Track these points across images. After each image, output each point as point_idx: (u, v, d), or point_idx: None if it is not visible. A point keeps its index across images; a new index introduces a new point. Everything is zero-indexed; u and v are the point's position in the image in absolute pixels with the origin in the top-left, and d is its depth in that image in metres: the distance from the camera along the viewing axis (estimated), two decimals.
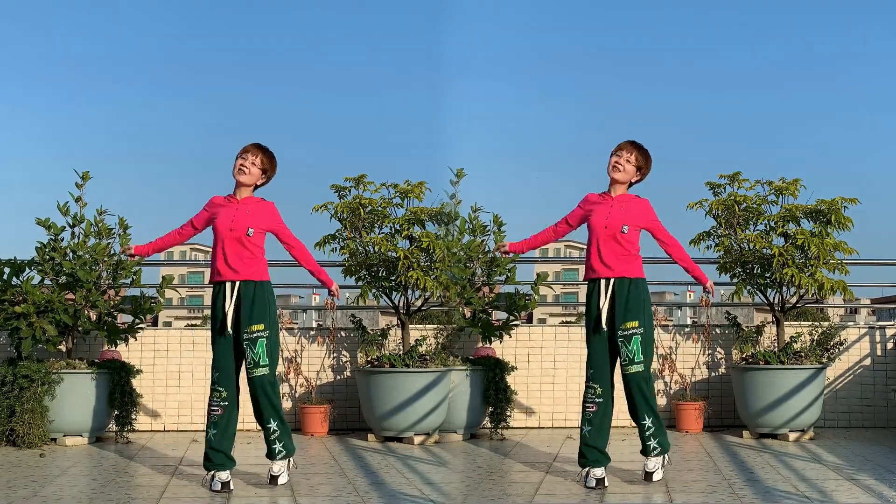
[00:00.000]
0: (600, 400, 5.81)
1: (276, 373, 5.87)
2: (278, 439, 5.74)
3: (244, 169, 5.76)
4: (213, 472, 5.68)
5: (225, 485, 5.60)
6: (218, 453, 5.69)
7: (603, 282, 5.77)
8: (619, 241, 5.74)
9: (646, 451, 5.84)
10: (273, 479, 5.74)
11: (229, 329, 5.69)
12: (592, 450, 5.77)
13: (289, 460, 5.83)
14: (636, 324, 5.72)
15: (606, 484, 5.69)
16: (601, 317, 5.76)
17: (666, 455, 5.91)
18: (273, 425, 5.72)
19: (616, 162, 5.82)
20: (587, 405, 5.84)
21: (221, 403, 5.73)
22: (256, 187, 5.87)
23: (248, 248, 5.70)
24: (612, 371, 5.89)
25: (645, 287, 5.83)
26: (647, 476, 5.81)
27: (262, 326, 5.67)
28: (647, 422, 5.79)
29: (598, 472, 5.72)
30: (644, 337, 5.73)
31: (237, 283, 5.69)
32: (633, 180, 5.88)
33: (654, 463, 5.84)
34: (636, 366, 5.73)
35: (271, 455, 5.78)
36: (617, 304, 5.74)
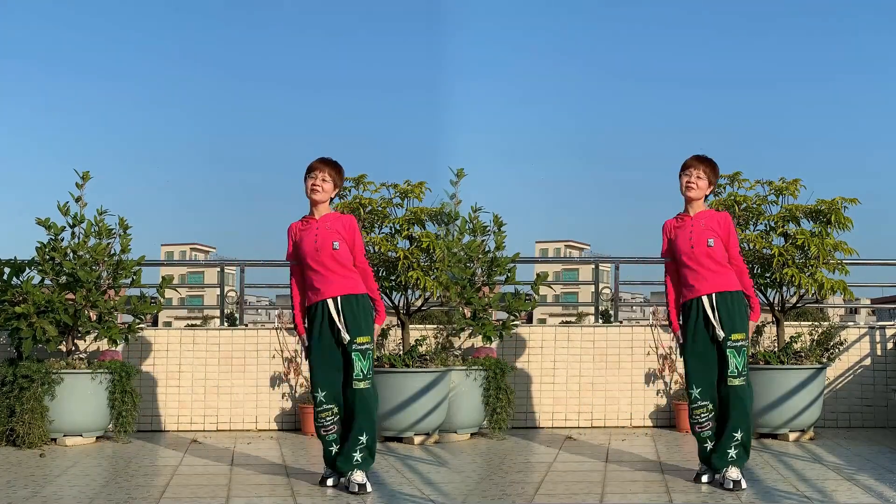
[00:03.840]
0: (712, 414, 5.75)
1: (373, 384, 5.72)
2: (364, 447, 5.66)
3: (317, 188, 5.70)
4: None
5: (362, 486, 5.56)
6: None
7: (705, 298, 5.70)
8: (710, 257, 5.70)
9: (725, 461, 5.69)
10: (361, 487, 5.53)
11: (338, 340, 5.64)
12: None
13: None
14: (742, 336, 5.68)
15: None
16: (709, 331, 5.70)
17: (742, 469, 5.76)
18: (364, 438, 5.64)
19: (688, 182, 5.77)
20: (703, 424, 5.74)
21: (334, 419, 5.68)
22: (331, 200, 5.84)
23: (339, 263, 5.64)
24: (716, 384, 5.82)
25: (743, 300, 5.75)
26: (736, 484, 5.59)
27: (368, 339, 5.63)
28: (737, 435, 5.69)
29: (733, 472, 5.66)
30: (745, 349, 5.70)
31: (338, 299, 5.62)
32: (707, 193, 5.86)
33: (735, 472, 5.65)
34: (740, 379, 5.67)
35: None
36: (722, 317, 5.69)
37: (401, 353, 7.78)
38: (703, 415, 5.74)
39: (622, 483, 5.83)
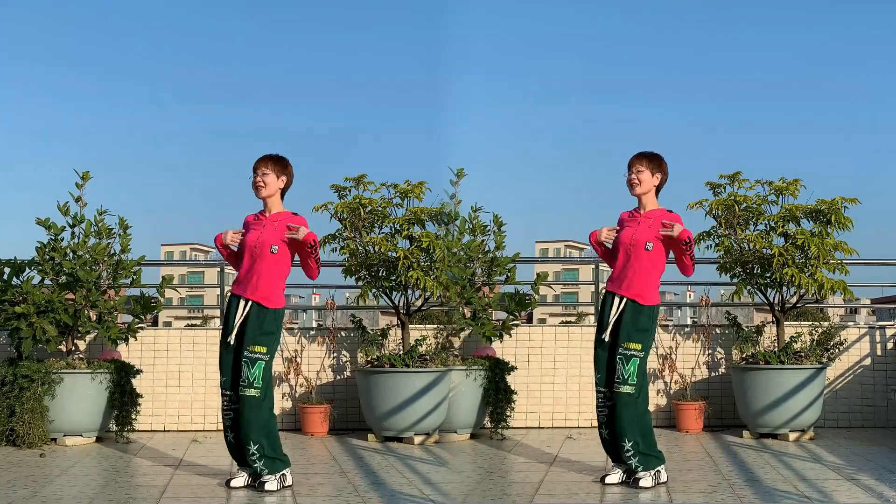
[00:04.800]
0: (610, 403, 5.77)
1: (270, 395, 5.72)
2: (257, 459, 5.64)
3: (260, 185, 5.72)
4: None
5: (261, 484, 5.59)
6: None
7: (617, 298, 5.75)
8: (644, 260, 5.71)
9: (630, 471, 5.74)
10: (260, 485, 5.58)
11: (232, 341, 5.67)
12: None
13: (281, 475, 5.67)
14: (639, 347, 5.68)
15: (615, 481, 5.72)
16: (606, 328, 5.75)
17: (657, 470, 5.74)
18: (252, 448, 5.61)
19: (629, 179, 5.81)
20: (600, 408, 5.81)
21: (230, 406, 5.71)
22: (282, 194, 5.82)
23: (270, 268, 5.64)
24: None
25: (655, 315, 5.79)
26: (634, 482, 5.66)
27: (263, 349, 5.63)
28: (627, 444, 5.68)
29: (639, 475, 5.68)
30: (642, 361, 5.69)
31: (249, 302, 5.65)
32: (655, 185, 5.85)
33: (641, 474, 5.68)
34: (627, 387, 5.66)
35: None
36: (624, 322, 5.72)
37: (401, 353, 7.78)
38: (599, 399, 5.80)
39: (622, 483, 5.82)
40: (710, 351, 8.64)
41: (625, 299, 5.73)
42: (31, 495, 5.50)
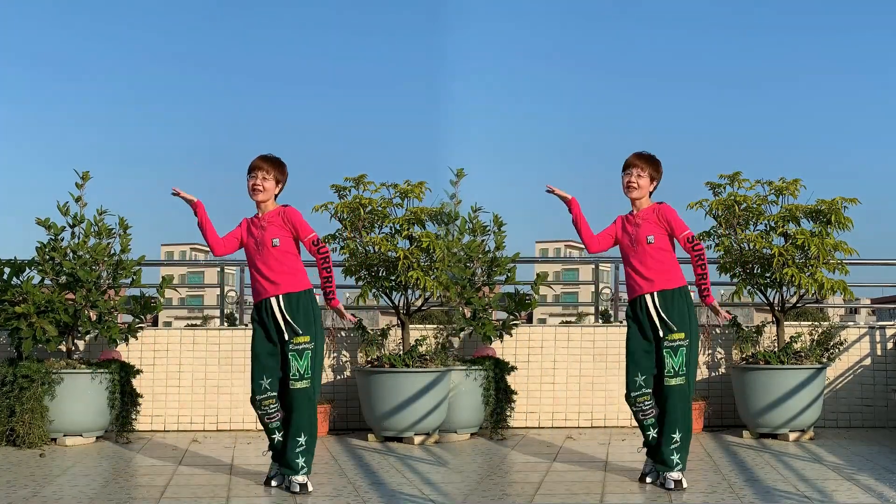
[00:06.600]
0: (654, 400, 5.79)
1: (318, 388, 5.74)
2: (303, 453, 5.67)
3: (258, 187, 5.71)
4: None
5: (303, 486, 5.59)
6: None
7: (648, 298, 5.73)
8: (652, 255, 5.74)
9: (669, 466, 5.71)
10: (303, 487, 5.55)
11: (281, 338, 5.64)
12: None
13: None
14: (682, 336, 5.70)
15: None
16: (648, 329, 5.74)
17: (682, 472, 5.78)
18: (302, 440, 5.65)
19: (629, 181, 5.81)
20: (647, 412, 5.77)
21: (278, 407, 5.68)
22: (276, 196, 5.83)
23: (281, 261, 5.65)
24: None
25: (688, 295, 5.80)
26: (677, 483, 5.63)
27: (307, 339, 5.62)
28: (676, 436, 5.73)
29: (675, 474, 5.69)
30: (688, 349, 5.72)
31: (280, 298, 5.63)
32: (651, 191, 5.88)
33: (677, 474, 5.68)
34: (679, 378, 5.70)
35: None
36: (660, 317, 5.72)
37: (401, 353, 7.78)
38: (646, 402, 5.76)
39: (622, 483, 5.83)
40: (710, 351, 8.64)
41: (655, 296, 5.73)
42: (31, 495, 5.50)
